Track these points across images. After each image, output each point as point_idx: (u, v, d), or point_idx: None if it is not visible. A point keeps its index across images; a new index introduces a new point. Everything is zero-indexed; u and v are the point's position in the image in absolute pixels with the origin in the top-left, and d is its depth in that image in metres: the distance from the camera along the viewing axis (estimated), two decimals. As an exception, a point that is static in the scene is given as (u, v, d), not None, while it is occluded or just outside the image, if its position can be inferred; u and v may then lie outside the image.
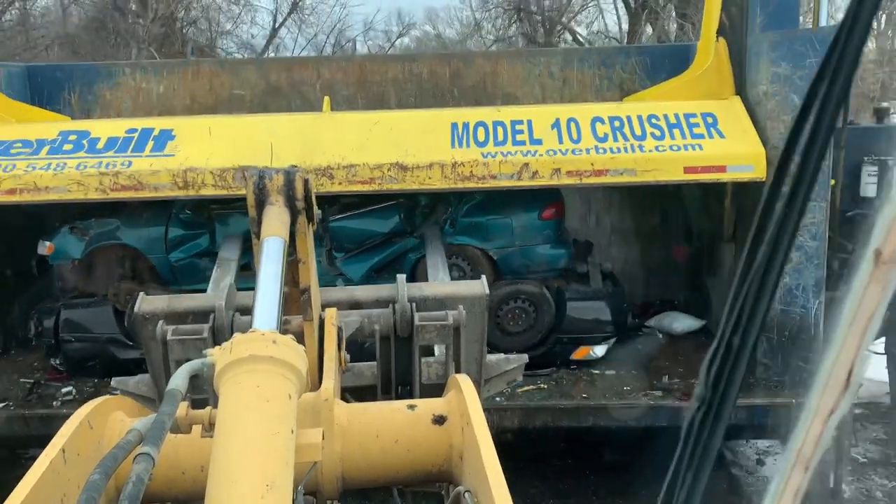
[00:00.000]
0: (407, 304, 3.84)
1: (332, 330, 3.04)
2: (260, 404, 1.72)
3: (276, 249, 2.49)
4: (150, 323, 3.85)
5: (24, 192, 5.67)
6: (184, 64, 7.80)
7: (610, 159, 5.53)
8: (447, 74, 7.65)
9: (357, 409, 2.61)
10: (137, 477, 1.48)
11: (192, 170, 5.61)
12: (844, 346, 0.63)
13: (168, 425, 1.66)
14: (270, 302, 2.27)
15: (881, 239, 0.59)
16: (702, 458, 0.73)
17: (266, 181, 2.66)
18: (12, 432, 5.94)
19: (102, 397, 2.38)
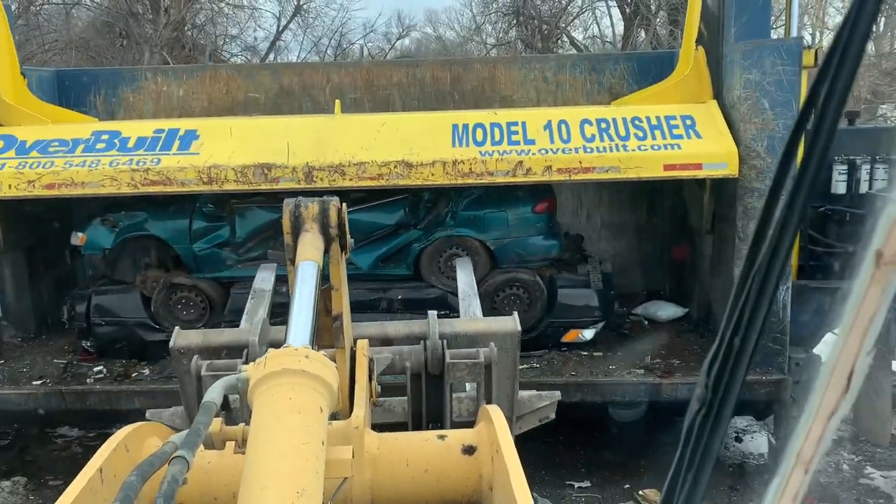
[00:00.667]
0: (438, 342, 3.84)
1: (364, 360, 3.09)
2: (292, 415, 1.76)
3: (310, 273, 2.54)
4: (184, 357, 3.97)
5: (62, 187, 6.21)
6: (202, 68, 8.35)
7: (596, 157, 6.07)
8: (448, 79, 8.20)
9: (387, 437, 2.62)
10: (172, 477, 1.51)
11: (215, 167, 6.16)
12: (845, 347, 0.62)
13: (203, 434, 1.70)
14: (304, 321, 2.33)
15: (882, 240, 0.58)
16: (702, 459, 0.72)
17: (302, 209, 2.72)
18: (50, 406, 6.47)
19: (139, 423, 2.42)
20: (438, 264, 6.88)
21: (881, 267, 0.58)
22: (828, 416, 0.65)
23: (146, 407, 6.41)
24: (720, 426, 0.72)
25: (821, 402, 0.64)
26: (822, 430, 0.65)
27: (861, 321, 0.61)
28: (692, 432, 0.73)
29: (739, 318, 0.68)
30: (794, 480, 0.68)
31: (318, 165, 6.17)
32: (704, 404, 0.72)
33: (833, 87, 0.61)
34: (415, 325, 4.18)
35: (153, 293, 6.90)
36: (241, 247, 6.92)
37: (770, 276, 0.66)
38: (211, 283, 6.94)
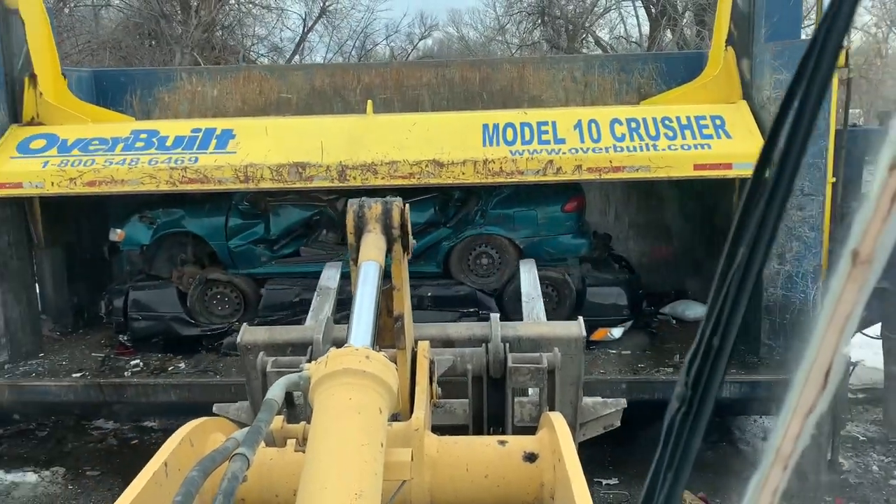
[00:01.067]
0: (500, 345, 3.81)
1: (425, 362, 3.08)
2: (351, 415, 1.77)
3: (372, 273, 2.56)
4: (251, 353, 4.06)
5: (103, 185, 6.38)
6: (236, 69, 8.52)
7: (627, 157, 6.13)
8: (477, 79, 8.28)
9: (447, 441, 2.59)
10: (233, 474, 1.52)
11: (252, 165, 6.29)
12: (822, 345, 0.62)
13: (264, 431, 1.72)
14: (365, 321, 2.34)
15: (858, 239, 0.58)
16: (682, 458, 0.73)
17: (365, 210, 2.75)
18: (89, 398, 6.64)
19: (203, 418, 2.45)
20: (468, 262, 6.96)
21: (857, 265, 0.59)
22: (805, 414, 0.65)
23: (182, 400, 6.62)
24: (700, 424, 0.72)
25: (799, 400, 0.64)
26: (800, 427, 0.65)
27: (838, 319, 0.61)
28: (672, 431, 0.73)
29: (718, 317, 0.68)
30: (774, 477, 0.68)
31: (351, 164, 6.28)
32: (684, 403, 0.72)
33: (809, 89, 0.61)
34: (476, 327, 4.15)
35: (189, 289, 7.06)
36: (275, 244, 7.06)
37: (749, 274, 0.67)
38: (245, 280, 7.09)
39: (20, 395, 6.60)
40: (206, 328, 7.05)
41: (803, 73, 0.62)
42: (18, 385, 6.56)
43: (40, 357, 7.15)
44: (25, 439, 7.69)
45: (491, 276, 7.00)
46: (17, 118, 6.96)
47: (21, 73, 6.97)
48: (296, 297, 6.92)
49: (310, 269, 7.06)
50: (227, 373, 6.64)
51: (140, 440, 7.64)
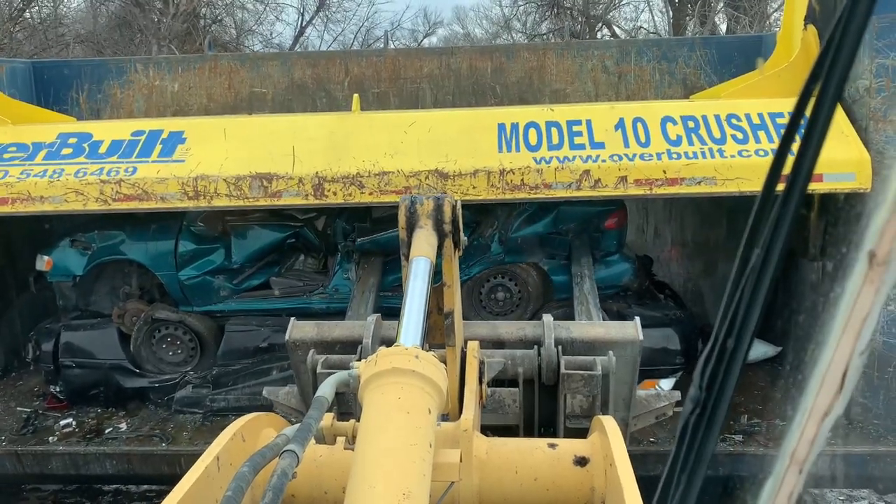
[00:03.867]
0: (553, 349, 3.76)
1: (474, 362, 3.07)
2: (400, 415, 1.77)
3: (424, 269, 2.54)
4: (299, 349, 4.05)
5: (17, 202, 5.04)
6: (201, 59, 7.14)
7: (685, 166, 4.74)
8: (489, 69, 6.93)
9: (497, 443, 2.62)
10: (282, 471, 1.55)
11: (203, 177, 4.93)
12: (839, 347, 0.62)
13: (314, 429, 1.76)
14: (415, 320, 2.31)
15: (875, 240, 0.59)
16: (696, 461, 0.71)
17: (417, 206, 2.75)
18: (4, 470, 5.31)
19: (255, 413, 2.50)
20: (480, 297, 5.59)
21: (874, 267, 0.59)
22: (821, 417, 0.65)
23: (120, 472, 5.28)
24: (714, 427, 0.71)
25: (815, 403, 0.64)
26: (816, 430, 0.65)
27: (855, 321, 0.61)
28: (686, 433, 0.72)
29: (733, 320, 0.68)
30: (789, 481, 0.68)
31: (331, 176, 4.92)
32: (698, 405, 0.71)
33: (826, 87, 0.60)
34: (529, 327, 4.02)
35: (132, 329, 5.70)
36: (237, 274, 5.71)
37: (763, 277, 0.67)
38: (201, 319, 5.74)
39: (-82, 467, 5.27)
40: (154, 379, 5.70)
41: (818, 74, 0.61)
42: (-87, 454, 5.22)
43: (-45, 411, 5.82)
44: (-53, 506, 6.39)
45: (509, 314, 5.61)
46: (-80, 119, 5.62)
47: (-74, 64, 5.64)
48: (264, 341, 5.57)
49: (282, 305, 5.70)
50: (177, 437, 5.30)
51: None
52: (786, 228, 0.65)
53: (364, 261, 5.53)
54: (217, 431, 5.24)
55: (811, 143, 0.63)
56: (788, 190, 0.65)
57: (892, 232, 0.58)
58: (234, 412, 5.45)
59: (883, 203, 0.59)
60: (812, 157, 0.63)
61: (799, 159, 0.64)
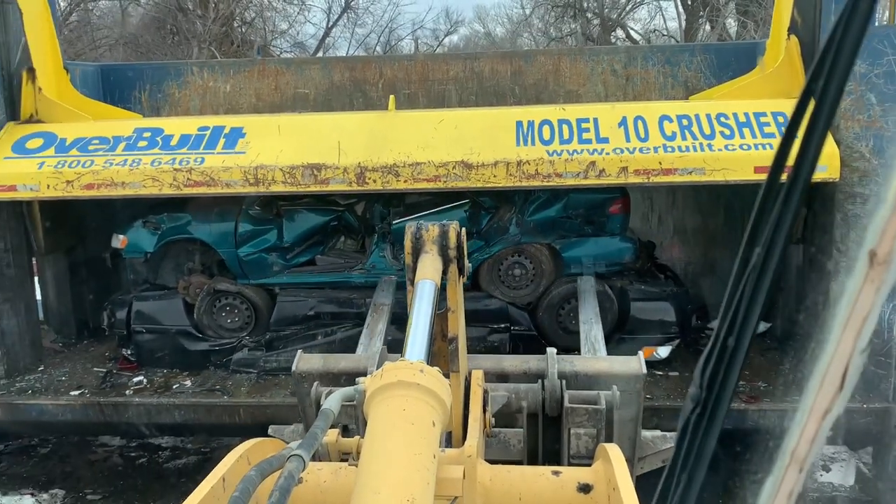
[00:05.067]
0: (557, 382, 3.75)
1: (479, 390, 3.07)
2: (405, 426, 1.79)
3: (428, 291, 2.59)
4: (305, 381, 4.09)
5: (102, 188, 5.86)
6: (250, 63, 7.97)
7: (678, 158, 5.47)
8: (508, 72, 7.67)
9: (500, 470, 2.59)
10: (289, 473, 1.57)
11: (262, 167, 5.73)
12: (839, 346, 0.62)
13: (320, 437, 1.78)
14: (420, 338, 2.37)
15: (875, 240, 0.58)
16: (697, 459, 0.73)
17: (423, 232, 2.82)
18: (87, 418, 6.14)
19: (260, 438, 2.51)
20: (499, 273, 6.35)
21: (874, 266, 0.59)
22: (822, 415, 0.65)
23: (187, 421, 6.11)
24: (714, 425, 0.71)
25: (815, 401, 0.64)
26: (817, 428, 0.65)
27: (855, 320, 0.61)
28: (686, 432, 0.72)
29: (734, 319, 0.68)
30: (789, 479, 0.68)
31: (371, 166, 5.69)
32: (699, 404, 0.71)
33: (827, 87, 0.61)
34: (532, 360, 4.02)
35: (196, 300, 6.53)
36: (288, 252, 6.51)
37: (764, 276, 0.66)
38: (257, 290, 6.55)
39: (14, 415, 6.12)
40: (214, 343, 6.52)
41: (820, 72, 0.61)
42: (13, 403, 6.08)
43: (39, 371, 6.67)
44: (27, 457, 7.25)
45: (524, 289, 6.38)
46: (16, 115, 6.47)
47: (19, 67, 6.48)
48: (310, 310, 6.37)
49: (326, 279, 6.51)
50: (235, 392, 6.11)
51: (148, 459, 7.15)
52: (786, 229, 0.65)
53: (373, 310, 5.75)
54: (270, 389, 6.10)
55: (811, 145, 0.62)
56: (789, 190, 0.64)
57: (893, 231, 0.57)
58: (285, 372, 6.27)
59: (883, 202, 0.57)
60: (812, 159, 0.62)
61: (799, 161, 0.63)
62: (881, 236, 0.58)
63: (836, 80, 0.60)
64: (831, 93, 0.61)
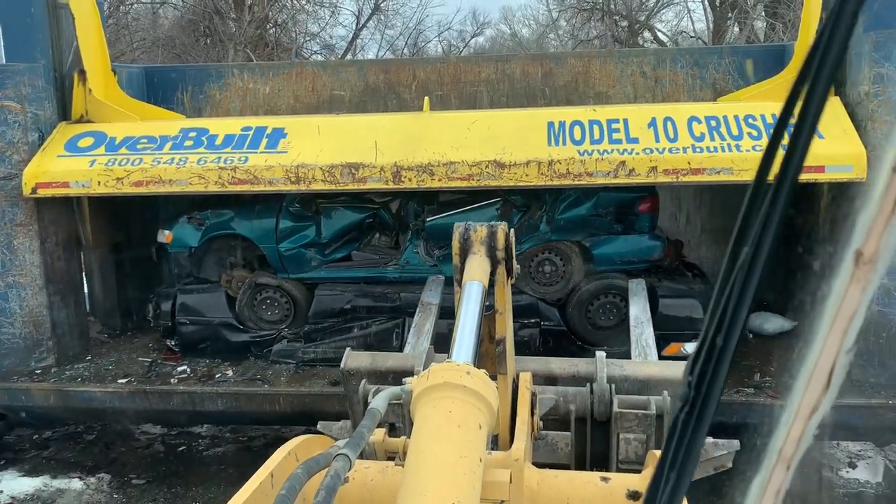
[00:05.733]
0: (606, 386, 3.71)
1: (526, 393, 3.04)
2: (451, 428, 1.78)
3: (476, 292, 2.58)
4: (353, 378, 4.19)
5: (150, 185, 6.14)
6: (288, 65, 8.23)
7: (707, 158, 5.62)
8: (539, 74, 7.84)
9: (548, 474, 2.55)
10: (335, 472, 1.58)
11: (303, 166, 5.97)
12: (825, 346, 0.62)
13: (367, 437, 1.80)
14: (467, 339, 2.35)
15: (862, 239, 0.58)
16: (685, 458, 0.73)
17: (471, 233, 2.81)
18: (134, 405, 6.42)
19: (308, 435, 2.53)
20: (529, 269, 6.53)
21: (860, 266, 0.59)
22: (808, 415, 0.66)
23: (230, 409, 6.36)
24: (703, 424, 0.72)
25: (802, 401, 0.65)
26: (803, 428, 0.66)
27: (841, 320, 0.62)
28: (675, 430, 0.73)
29: (722, 317, 0.69)
30: (776, 477, 0.69)
31: (407, 165, 5.91)
32: (687, 403, 0.72)
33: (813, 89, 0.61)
34: (581, 363, 4.00)
35: (238, 293, 6.79)
36: (326, 247, 6.75)
37: (752, 275, 0.67)
38: (296, 284, 6.79)
39: (66, 401, 6.42)
40: (255, 334, 6.77)
41: (807, 73, 0.61)
42: (63, 390, 6.37)
43: (87, 360, 6.97)
44: (73, 443, 7.55)
45: (554, 285, 6.56)
46: (67, 115, 6.78)
47: (70, 69, 6.79)
48: (347, 304, 6.60)
49: (361, 274, 6.74)
50: (275, 382, 6.35)
51: (188, 447, 7.42)
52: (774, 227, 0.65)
53: (421, 308, 5.78)
54: (308, 379, 6.34)
55: (799, 143, 0.63)
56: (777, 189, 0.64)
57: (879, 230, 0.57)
58: (322, 363, 6.51)
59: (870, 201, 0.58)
60: (800, 157, 0.63)
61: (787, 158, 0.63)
62: (867, 236, 0.58)
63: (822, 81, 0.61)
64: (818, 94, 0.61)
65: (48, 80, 6.60)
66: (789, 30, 14.25)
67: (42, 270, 6.53)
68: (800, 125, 0.63)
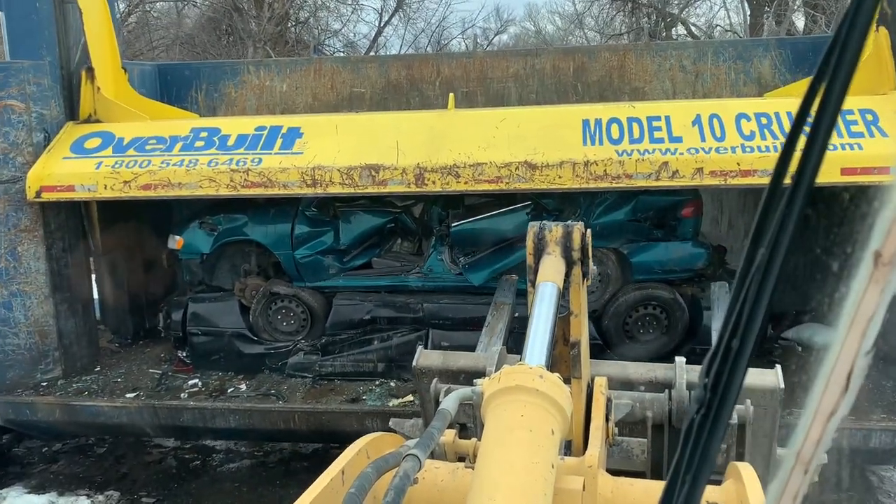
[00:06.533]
0: (684, 393, 3.63)
1: (601, 398, 2.96)
2: (523, 432, 1.73)
3: (550, 293, 2.51)
4: (425, 377, 4.14)
5: (159, 188, 5.80)
6: (306, 62, 7.86)
7: (758, 159, 5.14)
8: (571, 69, 7.39)
9: (623, 483, 2.49)
10: (404, 472, 1.57)
11: (320, 168, 5.59)
12: (844, 347, 0.63)
13: (437, 438, 1.77)
14: (540, 342, 2.31)
15: (880, 241, 0.59)
16: (701, 461, 0.73)
17: (546, 232, 2.74)
18: (143, 421, 6.10)
19: (381, 433, 2.52)
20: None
21: (879, 267, 0.59)
22: (827, 417, 0.65)
23: (242, 426, 6.01)
24: (719, 427, 0.71)
25: (820, 403, 0.65)
26: (822, 430, 0.66)
27: (860, 321, 0.62)
28: (691, 433, 0.72)
29: (738, 319, 0.68)
30: (794, 481, 0.69)
31: (430, 167, 5.50)
32: (703, 405, 0.71)
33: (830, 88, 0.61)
34: (660, 369, 3.91)
35: (252, 302, 6.43)
36: (345, 254, 6.36)
37: (769, 276, 0.67)
38: (312, 293, 6.41)
39: (71, 415, 6.11)
40: (270, 346, 6.41)
41: (824, 71, 0.61)
42: (69, 404, 6.07)
43: (96, 372, 6.66)
44: (83, 456, 7.27)
45: (589, 296, 6.09)
46: (74, 115, 6.47)
47: (78, 67, 6.47)
48: (367, 314, 6.21)
49: (382, 282, 6.34)
50: (290, 397, 5.98)
51: (202, 462, 7.09)
52: (790, 228, 0.64)
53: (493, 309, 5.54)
54: (326, 394, 5.95)
55: (816, 143, 0.62)
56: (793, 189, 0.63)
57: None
58: (340, 377, 6.13)
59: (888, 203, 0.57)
60: (817, 157, 0.62)
61: (804, 159, 0.63)
62: (886, 237, 0.58)
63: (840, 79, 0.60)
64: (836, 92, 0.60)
65: (55, 79, 6.29)
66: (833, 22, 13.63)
67: (48, 278, 6.23)
68: (817, 124, 0.63)
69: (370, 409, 5.65)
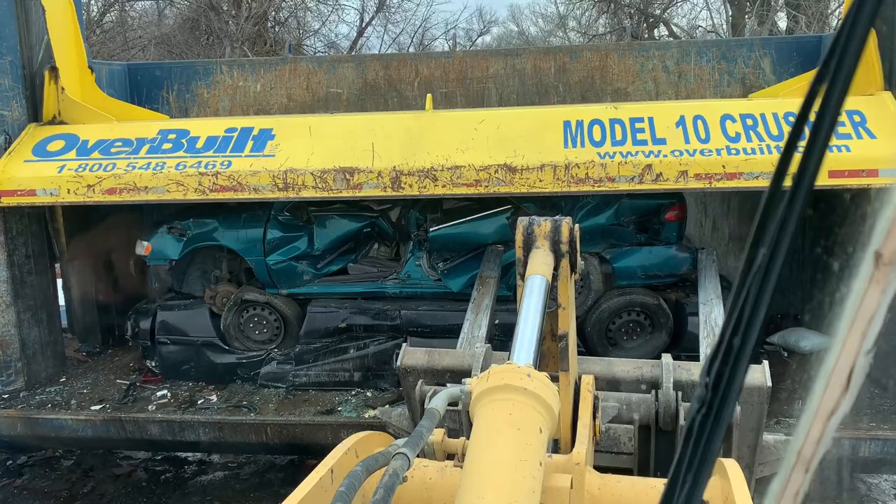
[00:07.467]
0: (671, 394, 3.61)
1: (589, 396, 2.99)
2: (510, 431, 1.75)
3: (539, 286, 2.53)
4: (410, 376, 4.13)
5: (124, 192, 5.57)
6: (281, 62, 7.64)
7: (744, 161, 5.00)
8: (552, 69, 7.23)
9: (610, 479, 2.51)
10: (394, 471, 1.59)
11: (292, 171, 5.38)
12: (845, 347, 0.63)
13: (425, 437, 1.81)
14: (529, 338, 2.30)
15: (881, 240, 0.59)
16: (702, 461, 0.73)
17: (535, 226, 2.76)
18: (108, 434, 5.86)
19: (369, 432, 2.55)
20: (543, 285, 5.92)
21: (880, 267, 0.60)
22: (828, 416, 0.66)
23: (212, 439, 5.78)
24: (720, 426, 0.71)
25: (821, 402, 0.65)
26: (823, 429, 0.67)
27: (861, 321, 0.62)
28: (692, 433, 0.72)
29: (739, 318, 0.68)
30: (795, 479, 0.69)
31: (407, 170, 5.31)
32: (704, 404, 0.71)
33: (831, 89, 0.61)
34: (646, 366, 3.88)
35: (223, 310, 6.20)
36: (319, 260, 6.15)
37: (770, 275, 0.67)
38: (286, 300, 6.20)
39: (34, 429, 5.86)
40: (242, 355, 6.18)
41: (825, 73, 0.62)
42: (31, 418, 5.81)
43: (61, 383, 6.41)
44: (49, 469, 7.00)
45: (571, 301, 5.93)
46: (38, 116, 6.21)
47: (41, 67, 6.22)
48: (342, 322, 6.00)
49: (358, 289, 6.14)
50: (263, 409, 5.77)
51: (174, 475, 6.85)
52: (791, 228, 0.64)
53: (479, 283, 5.49)
54: (300, 405, 5.73)
55: (817, 144, 0.62)
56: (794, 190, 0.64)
57: None
58: (315, 387, 5.92)
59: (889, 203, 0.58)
60: (818, 157, 0.63)
61: (805, 159, 0.63)
62: (886, 237, 0.59)
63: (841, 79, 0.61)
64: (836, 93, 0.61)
65: (16, 78, 6.05)
66: (815, 23, 13.57)
67: (9, 286, 5.97)
68: (818, 125, 0.63)
69: (345, 420, 5.45)
